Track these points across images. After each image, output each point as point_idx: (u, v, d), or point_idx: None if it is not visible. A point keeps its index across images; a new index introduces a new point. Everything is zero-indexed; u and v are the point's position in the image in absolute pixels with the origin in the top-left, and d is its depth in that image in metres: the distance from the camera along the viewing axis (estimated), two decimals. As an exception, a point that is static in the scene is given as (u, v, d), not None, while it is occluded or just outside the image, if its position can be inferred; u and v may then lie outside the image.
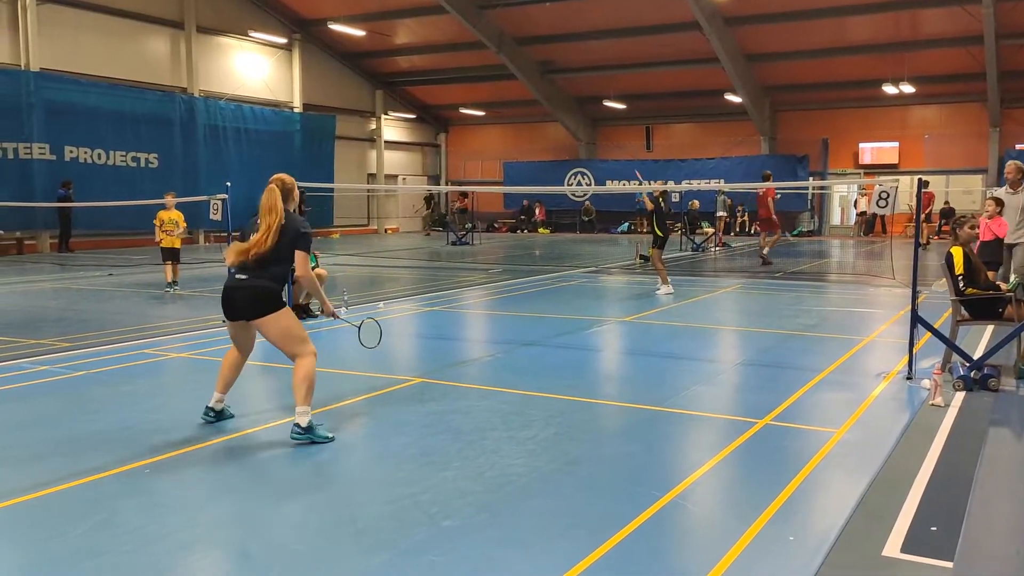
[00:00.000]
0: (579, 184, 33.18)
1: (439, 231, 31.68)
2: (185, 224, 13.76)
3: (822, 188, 29.55)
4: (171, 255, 13.31)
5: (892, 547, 3.76)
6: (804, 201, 30.18)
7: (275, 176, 5.60)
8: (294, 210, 5.59)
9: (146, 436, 5.42)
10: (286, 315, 5.44)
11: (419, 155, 37.44)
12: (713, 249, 23.30)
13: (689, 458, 5.22)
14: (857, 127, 29.72)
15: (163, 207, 13.47)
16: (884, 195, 7.63)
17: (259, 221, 5.39)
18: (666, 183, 18.41)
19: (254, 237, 5.33)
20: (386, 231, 34.14)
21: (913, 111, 29.16)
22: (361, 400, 6.44)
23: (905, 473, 4.70)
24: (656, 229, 13.38)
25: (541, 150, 35.04)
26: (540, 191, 32.91)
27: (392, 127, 35.28)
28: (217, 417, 5.71)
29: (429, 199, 32.41)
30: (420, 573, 3.46)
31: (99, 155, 23.47)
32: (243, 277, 5.35)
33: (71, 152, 22.72)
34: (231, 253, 5.36)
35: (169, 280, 13.30)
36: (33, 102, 21.61)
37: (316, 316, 10.58)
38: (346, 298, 11.45)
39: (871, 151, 29.88)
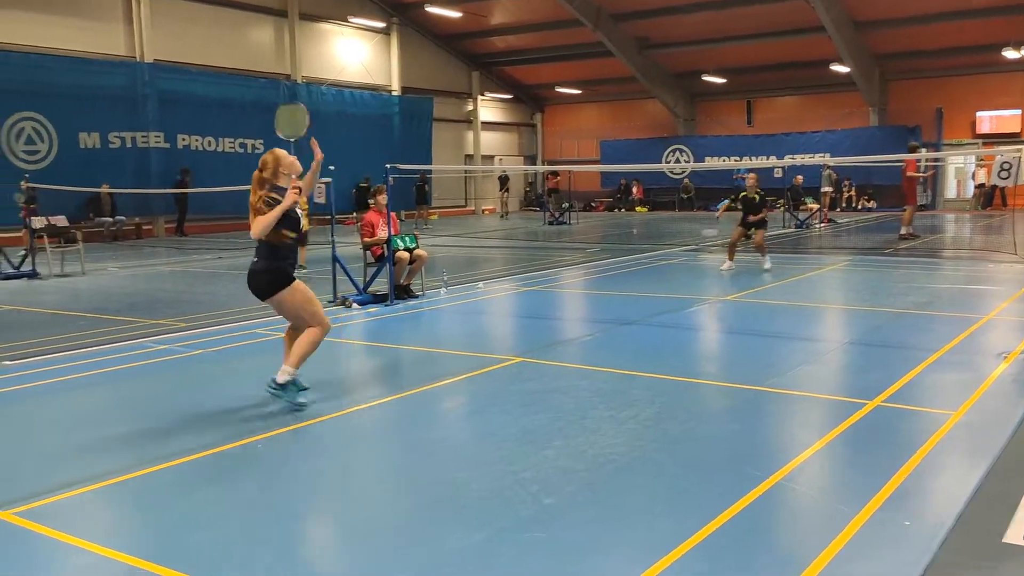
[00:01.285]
0: (677, 161, 32.59)
1: (535, 211, 31.71)
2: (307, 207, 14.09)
3: (936, 160, 28.07)
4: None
5: (1014, 534, 3.57)
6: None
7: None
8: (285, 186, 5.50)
9: (257, 412, 5.66)
10: (291, 291, 5.49)
11: (515, 135, 37.52)
12: (818, 225, 22.51)
13: (795, 440, 5.08)
14: (974, 95, 28.06)
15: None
16: (1006, 166, 7.21)
17: None
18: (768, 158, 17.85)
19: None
20: (483, 212, 34.42)
21: (1038, 76, 27.34)
22: (461, 379, 6.53)
23: (1030, 459, 4.46)
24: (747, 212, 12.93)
25: (638, 127, 34.54)
26: (637, 169, 32.51)
27: (488, 108, 35.46)
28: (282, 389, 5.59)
29: (504, 180, 32.00)
30: (523, 550, 3.50)
31: (209, 142, 24.51)
32: (253, 260, 5.58)
33: (183, 140, 23.79)
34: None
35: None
36: (148, 92, 22.72)
37: (417, 296, 10.78)
38: (446, 278, 11.64)
39: (990, 120, 28.20)
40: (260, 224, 5.31)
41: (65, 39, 21.30)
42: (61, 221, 15.22)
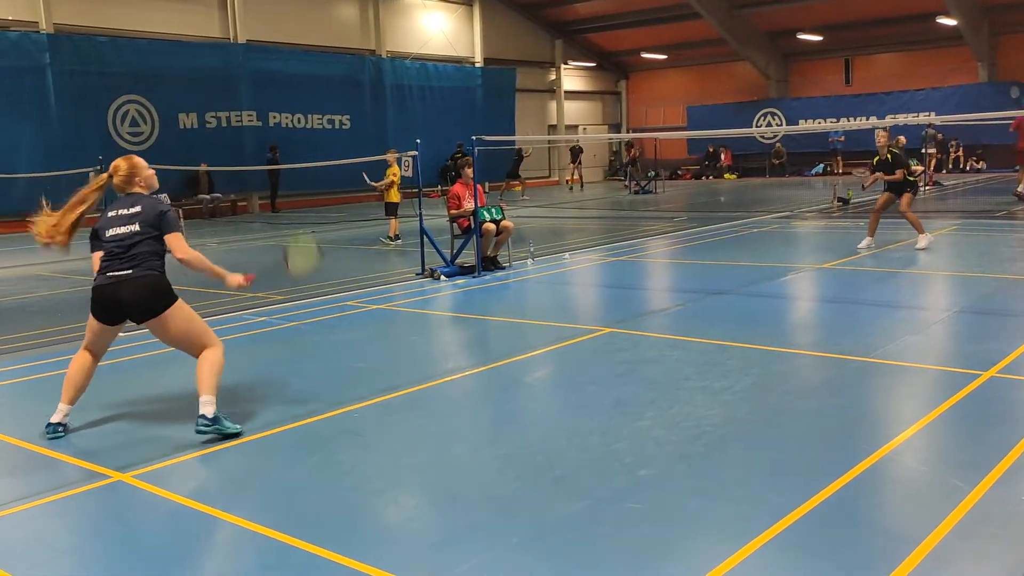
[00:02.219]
0: (768, 125, 31.57)
1: (619, 180, 31.29)
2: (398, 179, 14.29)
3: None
4: (392, 210, 14.18)
5: None
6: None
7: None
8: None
9: (352, 383, 5.78)
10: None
11: (599, 104, 37.02)
12: (923, 188, 21.49)
13: (903, 412, 4.87)
14: (1095, 45, 26.14)
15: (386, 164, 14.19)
16: None
17: None
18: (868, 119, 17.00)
19: None
20: (567, 182, 34.19)
21: None
22: (551, 350, 6.51)
23: None
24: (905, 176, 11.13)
25: (727, 92, 33.54)
26: (726, 135, 31.62)
27: (571, 77, 35.06)
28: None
29: (576, 152, 31.01)
30: (620, 520, 3.47)
31: (299, 119, 25.06)
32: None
33: (274, 118, 24.40)
34: None
35: (392, 234, 14.16)
36: (241, 73, 23.35)
37: (504, 268, 10.79)
38: (532, 249, 11.61)
39: (1112, 71, 26.23)
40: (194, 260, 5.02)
41: (164, 23, 22.06)
42: (164, 199, 15.83)
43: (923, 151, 22.26)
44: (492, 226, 10.52)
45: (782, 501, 3.55)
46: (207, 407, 4.59)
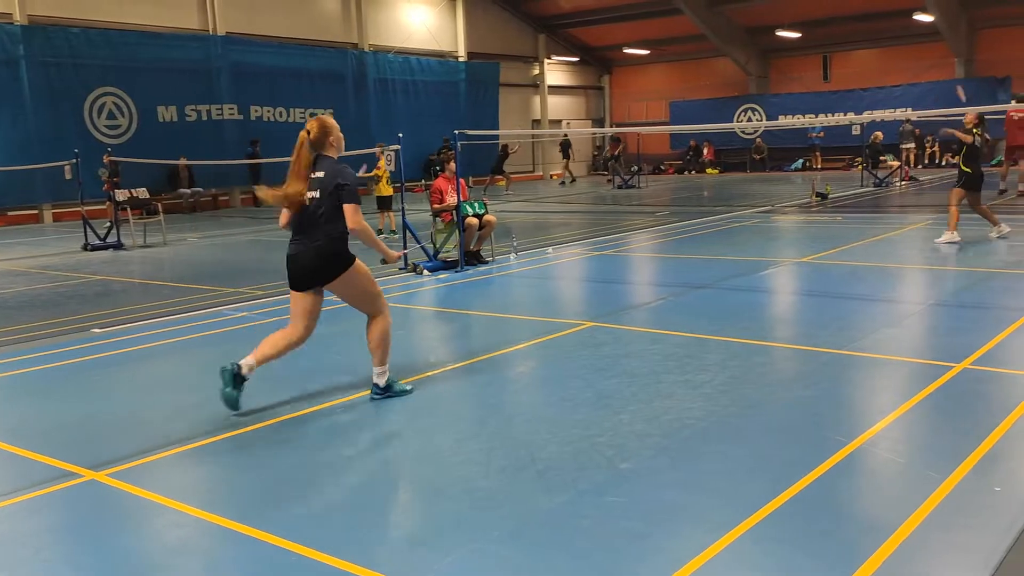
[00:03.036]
0: (749, 120, 31.73)
1: (603, 175, 31.38)
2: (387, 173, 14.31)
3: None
4: (385, 203, 14.26)
5: (1118, 504, 3.41)
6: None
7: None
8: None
9: (335, 377, 5.78)
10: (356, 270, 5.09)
11: (583, 99, 37.06)
12: (899, 183, 21.71)
13: (878, 404, 4.95)
14: (1071, 41, 26.45)
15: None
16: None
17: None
18: (846, 115, 17.13)
19: None
20: (551, 176, 34.21)
21: None
22: (534, 344, 6.54)
23: None
24: (964, 165, 10.75)
25: (708, 87, 33.69)
26: (707, 129, 31.71)
27: (555, 71, 35.07)
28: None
29: (566, 145, 30.82)
30: (602, 513, 3.51)
31: (280, 113, 24.93)
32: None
33: (256, 111, 24.25)
34: None
35: (386, 228, 14.25)
36: (221, 65, 23.18)
37: (487, 262, 10.82)
38: (515, 244, 11.64)
39: (1088, 67, 26.54)
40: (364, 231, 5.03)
41: (141, 15, 21.83)
42: (143, 193, 15.73)
43: (900, 146, 22.45)
44: (475, 220, 10.53)
45: (760, 492, 3.60)
46: (379, 378, 5.15)
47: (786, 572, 3.02)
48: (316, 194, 4.89)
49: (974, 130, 10.64)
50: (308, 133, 4.97)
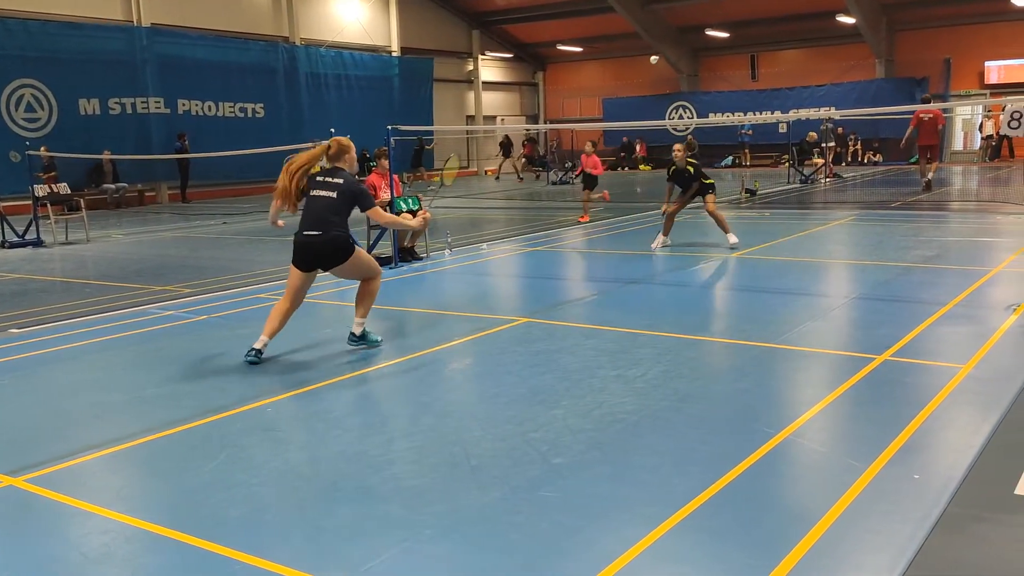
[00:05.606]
0: (681, 118, 32.24)
1: (539, 170, 31.50)
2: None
3: (944, 111, 27.73)
4: None
5: (1026, 487, 3.58)
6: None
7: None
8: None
9: (265, 377, 5.67)
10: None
11: (517, 95, 37.13)
12: (823, 180, 22.34)
13: (804, 395, 5.08)
14: (983, 44, 27.57)
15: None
16: (1017, 115, 7.08)
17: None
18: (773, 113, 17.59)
19: None
20: (486, 172, 34.20)
21: (1048, 23, 26.86)
22: (468, 341, 6.53)
23: (1040, 411, 4.45)
24: None
25: (641, 85, 34.11)
26: (640, 126, 32.14)
27: (489, 67, 35.05)
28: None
29: (506, 145, 30.87)
30: (535, 508, 3.52)
31: (209, 107, 24.31)
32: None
33: (183, 105, 23.59)
34: None
35: None
36: (147, 57, 22.48)
37: (421, 259, 10.75)
38: (450, 240, 11.59)
39: (998, 70, 27.74)
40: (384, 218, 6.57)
41: (61, 4, 21.02)
42: (64, 189, 15.17)
43: (823, 144, 23.14)
44: (409, 216, 10.45)
45: (690, 486, 3.66)
46: (357, 328, 6.15)
47: (715, 563, 3.07)
48: (333, 195, 5.90)
49: (690, 161, 10.98)
50: (329, 148, 6.08)
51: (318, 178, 6.01)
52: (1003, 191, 17.26)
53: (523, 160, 29.17)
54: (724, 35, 30.76)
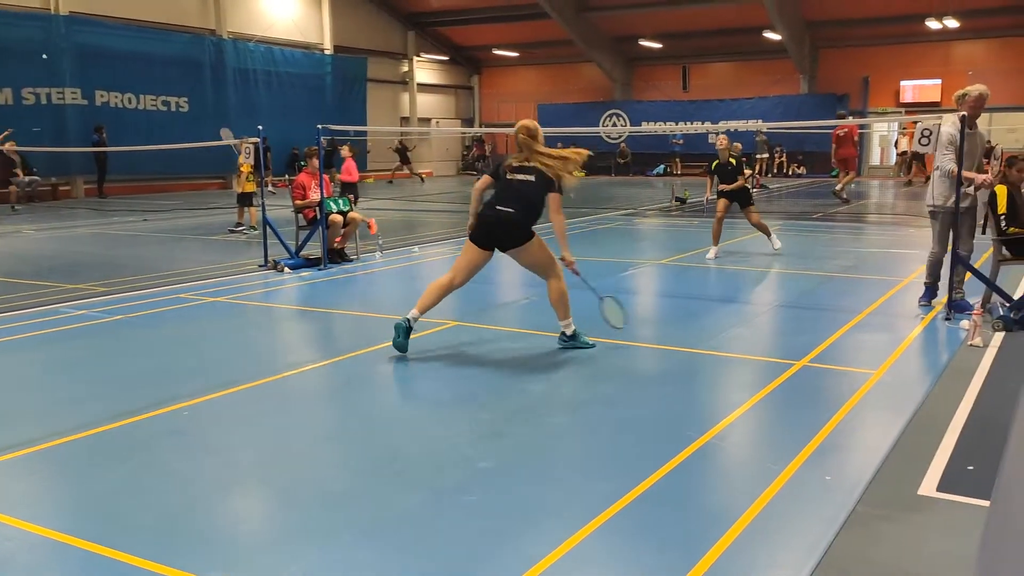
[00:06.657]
0: (614, 126, 32.67)
1: (472, 175, 31.50)
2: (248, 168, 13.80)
3: (862, 127, 28.79)
4: (246, 199, 13.89)
5: (928, 486, 3.72)
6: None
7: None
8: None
9: (183, 379, 5.50)
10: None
11: (452, 98, 37.04)
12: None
13: (726, 400, 5.19)
14: (899, 64, 28.76)
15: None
16: (927, 133, 7.37)
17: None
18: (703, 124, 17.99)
19: None
20: (420, 175, 33.99)
21: (957, 47, 28.13)
22: (396, 342, 6.45)
23: (942, 413, 4.63)
24: None
25: (576, 92, 34.43)
26: (574, 133, 32.40)
27: (425, 69, 34.88)
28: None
29: (403, 151, 30.44)
30: (459, 512, 3.49)
31: (129, 99, 23.52)
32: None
33: (102, 96, 22.78)
34: None
35: (246, 223, 13.96)
36: (64, 46, 21.62)
37: (351, 260, 10.62)
38: (380, 242, 11.48)
39: (912, 89, 28.95)
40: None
41: (-28, -12, 20.12)
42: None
43: (756, 156, 23.73)
44: (339, 217, 10.31)
45: (613, 489, 3.69)
46: (567, 328, 6.17)
47: (635, 564, 3.10)
48: (532, 178, 6.12)
49: (733, 154, 11.25)
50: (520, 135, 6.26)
51: (514, 163, 6.22)
52: (916, 205, 17.97)
53: (479, 161, 29.04)
54: (657, 45, 31.30)
